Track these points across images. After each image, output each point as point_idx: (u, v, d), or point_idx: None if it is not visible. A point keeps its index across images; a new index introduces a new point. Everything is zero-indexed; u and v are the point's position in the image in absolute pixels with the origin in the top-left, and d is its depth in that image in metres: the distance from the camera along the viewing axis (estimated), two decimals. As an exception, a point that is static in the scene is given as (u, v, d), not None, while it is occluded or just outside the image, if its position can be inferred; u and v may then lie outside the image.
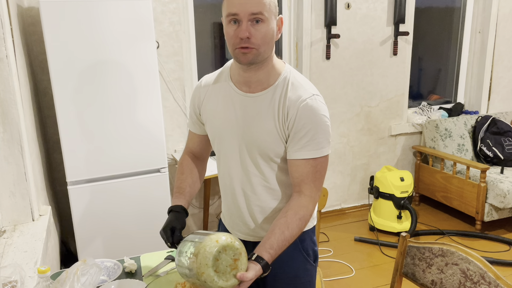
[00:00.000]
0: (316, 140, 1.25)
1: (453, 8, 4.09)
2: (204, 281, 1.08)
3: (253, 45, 1.20)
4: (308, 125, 1.24)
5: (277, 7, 1.24)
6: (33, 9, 2.70)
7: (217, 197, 3.47)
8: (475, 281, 1.32)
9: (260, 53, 1.22)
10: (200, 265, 1.08)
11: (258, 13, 1.17)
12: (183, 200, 1.40)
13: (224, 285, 1.08)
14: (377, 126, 3.84)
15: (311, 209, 1.28)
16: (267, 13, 1.19)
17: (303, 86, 1.28)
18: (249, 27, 1.18)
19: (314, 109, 1.25)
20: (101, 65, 2.32)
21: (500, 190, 3.23)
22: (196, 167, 1.52)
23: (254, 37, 1.19)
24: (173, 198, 1.42)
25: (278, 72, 1.30)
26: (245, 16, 1.17)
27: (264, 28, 1.20)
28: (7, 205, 1.80)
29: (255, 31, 1.19)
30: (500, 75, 4.11)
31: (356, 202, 3.96)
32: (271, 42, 1.24)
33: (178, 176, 1.48)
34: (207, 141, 1.51)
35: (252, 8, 1.17)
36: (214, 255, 1.08)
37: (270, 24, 1.21)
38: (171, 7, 3.01)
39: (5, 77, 1.70)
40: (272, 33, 1.23)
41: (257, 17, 1.18)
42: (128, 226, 2.53)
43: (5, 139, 1.74)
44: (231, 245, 1.11)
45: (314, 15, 3.39)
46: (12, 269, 1.32)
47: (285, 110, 1.26)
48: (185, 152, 1.55)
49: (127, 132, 2.44)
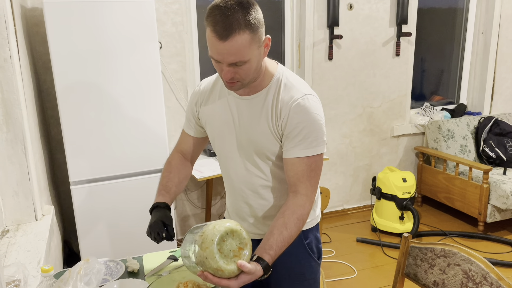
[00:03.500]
0: (310, 138, 1.26)
1: (456, 9, 4.08)
2: (205, 257, 1.08)
3: (238, 79, 1.22)
4: (301, 124, 1.25)
5: (262, 33, 1.19)
6: (36, 10, 2.71)
7: (219, 197, 3.48)
8: (477, 281, 1.32)
9: (246, 83, 1.25)
10: (205, 240, 1.08)
11: (236, 62, 1.17)
12: (168, 198, 1.42)
13: (223, 267, 1.08)
14: (379, 127, 3.84)
15: (308, 208, 1.29)
16: (248, 56, 1.16)
17: (295, 86, 1.29)
18: (230, 70, 1.19)
19: (306, 108, 1.26)
20: (104, 65, 2.33)
21: (503, 191, 3.22)
22: (184, 168, 1.54)
23: (237, 75, 1.20)
24: (157, 195, 1.43)
25: (271, 74, 1.31)
26: (225, 63, 1.17)
27: (246, 67, 1.19)
28: (11, 204, 1.81)
29: (237, 71, 1.20)
30: (503, 76, 4.10)
31: (358, 203, 3.95)
32: (257, 70, 1.24)
33: (166, 174, 1.49)
34: (200, 144, 1.54)
35: (230, 59, 1.16)
36: (222, 234, 1.09)
37: (252, 61, 1.19)
38: (174, 8, 3.02)
39: (9, 77, 1.70)
40: (256, 65, 1.22)
41: (235, 64, 1.17)
42: (131, 226, 2.54)
43: (9, 139, 1.75)
44: (239, 232, 1.12)
45: (316, 16, 3.40)
46: (15, 268, 1.33)
47: (278, 110, 1.28)
48: (175, 151, 1.57)
49: (130, 132, 2.44)
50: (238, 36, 1.12)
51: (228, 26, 1.11)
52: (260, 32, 1.17)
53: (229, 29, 1.11)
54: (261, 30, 1.18)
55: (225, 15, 1.11)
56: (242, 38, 1.12)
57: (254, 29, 1.14)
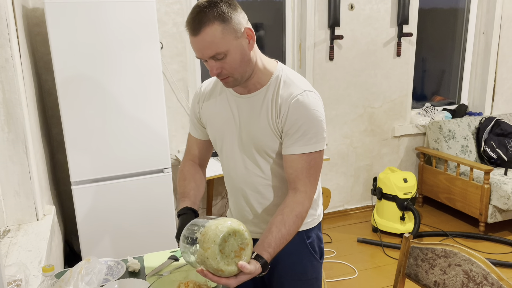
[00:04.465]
0: (309, 135, 1.26)
1: (457, 9, 4.08)
2: (206, 257, 1.07)
3: (227, 74, 1.24)
4: (300, 120, 1.26)
5: (238, 23, 1.19)
6: (38, 10, 2.71)
7: (220, 197, 3.48)
8: (478, 282, 1.32)
9: (238, 78, 1.26)
10: (207, 240, 1.08)
11: (215, 54, 1.19)
12: (188, 201, 1.42)
13: (223, 268, 1.08)
14: (380, 127, 3.84)
15: (307, 206, 1.29)
16: (225, 47, 1.18)
17: (295, 83, 1.30)
18: (215, 65, 1.22)
19: (305, 104, 1.26)
20: (105, 66, 2.33)
21: (504, 192, 3.22)
22: (198, 172, 1.54)
23: (224, 70, 1.23)
24: (179, 205, 1.43)
25: (270, 72, 1.32)
26: (206, 58, 1.21)
27: (228, 60, 1.21)
28: (12, 204, 1.81)
29: (221, 65, 1.22)
30: (504, 76, 4.10)
31: (359, 203, 3.95)
32: (244, 62, 1.24)
33: (181, 183, 1.49)
34: (207, 147, 1.55)
35: (207, 52, 1.19)
36: (224, 234, 1.08)
37: (233, 53, 1.20)
38: (175, 8, 3.02)
39: (10, 77, 1.71)
40: (240, 57, 1.23)
41: (215, 57, 1.20)
42: (132, 226, 2.54)
43: (10, 139, 1.75)
44: (241, 232, 1.11)
45: (317, 16, 3.40)
46: (16, 268, 1.33)
47: (278, 107, 1.29)
48: (185, 159, 1.57)
49: (131, 132, 2.45)
50: (208, 28, 1.17)
51: (198, 21, 1.17)
52: (234, 22, 1.19)
53: (199, 23, 1.17)
54: (235, 20, 1.19)
55: (195, 13, 1.18)
56: (212, 29, 1.17)
57: (224, 20, 1.17)
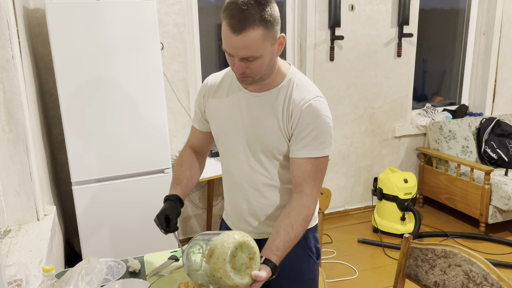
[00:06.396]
0: (319, 140, 1.28)
1: (458, 10, 4.08)
2: (220, 277, 1.06)
3: (250, 75, 1.24)
4: (311, 125, 1.27)
5: (277, 31, 1.20)
6: (39, 11, 2.72)
7: (220, 198, 3.48)
8: (478, 282, 1.32)
9: (257, 79, 1.26)
10: (217, 260, 1.06)
11: (249, 57, 1.19)
12: (179, 190, 1.44)
13: (239, 283, 1.07)
14: (381, 128, 3.84)
15: (313, 209, 1.30)
16: (261, 52, 1.18)
17: (307, 88, 1.31)
18: (242, 65, 1.21)
19: (318, 110, 1.28)
20: (106, 66, 2.34)
21: (504, 192, 3.21)
22: (196, 161, 1.56)
23: (248, 70, 1.22)
24: (170, 188, 1.46)
25: (283, 74, 1.32)
26: (238, 57, 1.20)
27: (258, 63, 1.21)
28: (13, 204, 1.82)
29: (249, 66, 1.21)
30: (505, 76, 4.10)
31: (359, 203, 3.95)
32: (270, 67, 1.26)
33: (177, 168, 1.52)
34: (209, 139, 1.55)
35: (242, 53, 1.18)
36: (232, 250, 1.07)
37: (264, 58, 1.21)
38: (176, 9, 3.02)
39: (11, 78, 1.71)
40: (268, 62, 1.23)
41: (247, 59, 1.19)
42: (132, 226, 2.54)
43: (11, 139, 1.76)
44: (247, 243, 1.10)
45: (318, 17, 3.40)
46: (17, 268, 1.34)
47: (289, 110, 1.29)
48: (186, 145, 1.60)
49: (131, 132, 2.45)
50: (252, 31, 1.14)
51: (242, 20, 1.13)
52: (275, 29, 1.19)
53: (244, 23, 1.13)
54: (276, 27, 1.19)
55: (240, 10, 1.13)
56: (256, 33, 1.14)
57: (268, 26, 1.16)
